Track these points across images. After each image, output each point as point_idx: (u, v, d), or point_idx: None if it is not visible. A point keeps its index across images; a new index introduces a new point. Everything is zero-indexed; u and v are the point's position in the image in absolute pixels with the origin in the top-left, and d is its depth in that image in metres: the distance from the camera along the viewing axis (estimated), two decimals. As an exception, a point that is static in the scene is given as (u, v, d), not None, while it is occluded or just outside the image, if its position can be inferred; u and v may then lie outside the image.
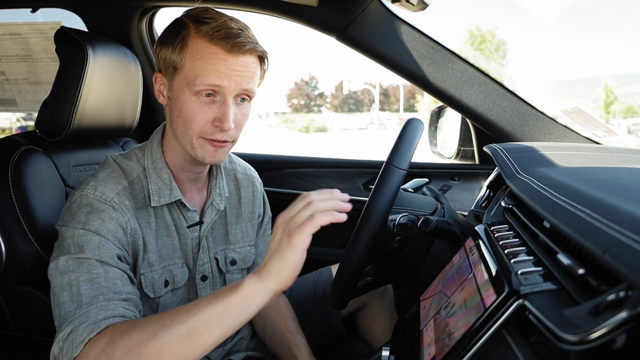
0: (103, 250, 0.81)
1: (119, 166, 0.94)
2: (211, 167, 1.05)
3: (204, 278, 1.03)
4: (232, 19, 0.87)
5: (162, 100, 0.93)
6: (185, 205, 0.96)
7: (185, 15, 0.89)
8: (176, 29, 0.87)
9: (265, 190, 1.22)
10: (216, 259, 1.05)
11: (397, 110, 43.84)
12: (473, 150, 1.54)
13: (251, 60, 0.87)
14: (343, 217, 0.69)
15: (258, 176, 1.19)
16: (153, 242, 0.94)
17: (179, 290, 1.00)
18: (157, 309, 0.96)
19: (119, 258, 0.84)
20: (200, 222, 1.00)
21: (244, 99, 0.90)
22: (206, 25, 0.84)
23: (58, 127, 1.14)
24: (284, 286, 0.67)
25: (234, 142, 0.93)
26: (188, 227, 0.98)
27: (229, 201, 1.09)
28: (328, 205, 0.69)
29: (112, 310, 0.74)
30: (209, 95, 0.86)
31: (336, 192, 0.72)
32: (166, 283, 0.96)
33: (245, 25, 0.89)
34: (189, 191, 1.00)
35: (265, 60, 0.92)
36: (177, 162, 0.96)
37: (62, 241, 0.83)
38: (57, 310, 0.77)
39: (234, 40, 0.83)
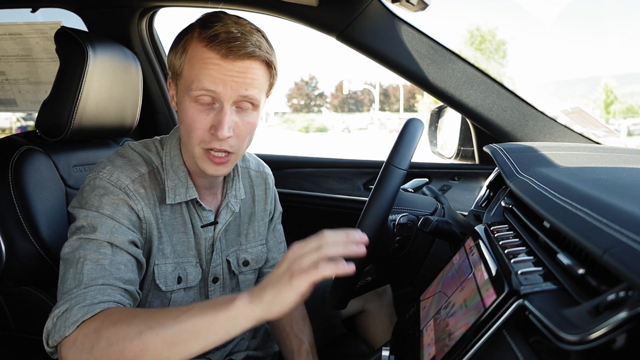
0: (115, 235, 0.82)
1: (139, 154, 0.93)
2: None
3: (215, 280, 1.02)
4: (238, 22, 0.84)
5: (173, 105, 0.93)
6: (200, 205, 0.96)
7: (198, 18, 0.87)
8: (183, 33, 0.87)
9: None
10: (228, 261, 1.04)
11: (397, 110, 43.84)
12: (473, 150, 1.54)
13: (251, 66, 0.83)
14: (349, 270, 0.64)
15: (271, 172, 1.17)
16: (167, 235, 0.93)
17: (192, 291, 0.99)
18: (169, 304, 0.96)
19: (132, 243, 0.85)
20: (214, 223, 0.99)
21: (246, 106, 0.86)
22: (207, 30, 0.82)
23: (58, 127, 1.14)
24: (270, 317, 0.66)
25: (236, 154, 0.90)
26: (202, 226, 0.97)
27: (243, 202, 1.07)
28: (337, 251, 0.65)
29: (109, 295, 0.76)
30: (208, 102, 0.84)
31: (352, 234, 0.68)
32: (179, 280, 0.96)
33: (252, 29, 0.85)
34: (205, 195, 0.99)
35: (273, 67, 0.88)
36: (191, 166, 0.95)
37: (75, 223, 0.84)
38: (60, 286, 0.78)
39: (231, 44, 0.80)
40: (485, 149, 1.08)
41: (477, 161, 1.55)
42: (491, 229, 0.71)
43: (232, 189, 1.02)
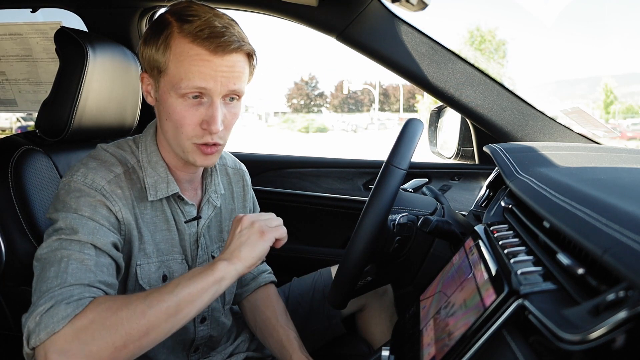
0: (97, 237, 0.79)
1: (112, 155, 0.91)
2: None
3: None
4: (217, 14, 0.84)
5: (150, 100, 0.92)
6: (183, 199, 0.95)
7: (169, 11, 0.86)
8: (159, 27, 0.84)
9: (265, 190, 1.22)
10: (213, 257, 1.04)
11: (397, 110, 43.86)
12: (473, 150, 1.54)
13: (237, 59, 0.84)
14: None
15: (246, 170, 1.18)
16: (149, 234, 0.92)
17: None
18: None
19: (114, 245, 0.83)
20: (198, 217, 0.99)
21: (232, 99, 0.88)
22: (189, 24, 0.81)
23: (58, 127, 1.14)
24: (248, 270, 0.82)
25: (224, 144, 0.92)
26: (186, 221, 0.97)
27: (223, 198, 1.08)
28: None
29: (95, 293, 0.74)
30: (195, 97, 0.84)
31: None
32: (164, 278, 0.95)
33: (231, 21, 0.86)
34: (186, 190, 0.99)
35: (253, 56, 0.89)
36: (170, 161, 0.94)
37: (53, 225, 0.81)
38: (38, 285, 0.74)
39: (218, 40, 0.80)
40: (485, 149, 1.08)
41: (477, 161, 1.55)
42: (491, 228, 0.71)
43: (212, 184, 1.03)
